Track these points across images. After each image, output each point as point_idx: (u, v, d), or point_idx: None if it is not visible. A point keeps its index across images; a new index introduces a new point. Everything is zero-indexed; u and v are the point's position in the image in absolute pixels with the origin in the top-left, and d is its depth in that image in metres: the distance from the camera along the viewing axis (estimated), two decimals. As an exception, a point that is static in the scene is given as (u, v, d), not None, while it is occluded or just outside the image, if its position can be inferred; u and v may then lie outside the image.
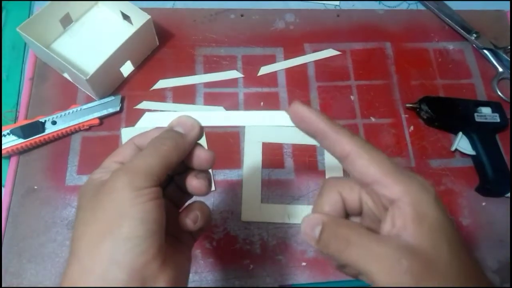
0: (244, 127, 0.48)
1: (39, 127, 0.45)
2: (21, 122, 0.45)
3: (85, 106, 0.47)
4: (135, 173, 0.23)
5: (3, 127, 0.44)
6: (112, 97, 0.47)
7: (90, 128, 0.47)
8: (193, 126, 0.26)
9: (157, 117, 0.27)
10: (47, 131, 0.45)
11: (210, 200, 0.44)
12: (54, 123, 0.45)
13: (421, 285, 0.19)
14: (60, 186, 0.44)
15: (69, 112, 0.46)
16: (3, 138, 0.44)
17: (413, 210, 0.20)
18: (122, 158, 0.26)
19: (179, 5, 0.56)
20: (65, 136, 0.46)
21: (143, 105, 0.49)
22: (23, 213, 0.42)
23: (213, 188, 0.45)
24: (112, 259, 0.21)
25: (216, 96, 0.50)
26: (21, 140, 0.44)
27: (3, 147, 0.43)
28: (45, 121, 0.45)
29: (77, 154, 0.46)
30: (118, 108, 0.47)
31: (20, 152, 0.45)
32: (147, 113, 0.27)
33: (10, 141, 0.43)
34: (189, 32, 0.54)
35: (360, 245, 0.20)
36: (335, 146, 0.22)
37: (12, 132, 0.44)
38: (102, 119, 0.47)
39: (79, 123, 0.46)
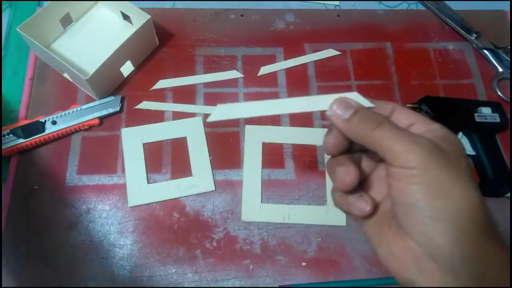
0: (244, 127, 0.48)
1: (39, 127, 0.45)
2: (21, 122, 0.45)
3: (85, 106, 0.47)
4: None
5: (3, 127, 0.44)
6: (112, 97, 0.48)
7: (90, 128, 0.47)
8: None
9: (233, 108, 0.27)
10: (47, 131, 0.45)
11: (210, 200, 0.44)
12: (54, 123, 0.45)
13: (432, 160, 0.22)
14: (60, 186, 0.44)
15: (69, 112, 0.46)
16: (3, 138, 0.44)
17: (445, 132, 0.24)
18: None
19: (179, 5, 0.56)
20: (65, 136, 0.46)
21: (143, 105, 0.49)
22: (23, 213, 0.42)
23: (213, 188, 0.45)
24: None
25: (216, 96, 0.50)
26: (21, 140, 0.44)
27: (3, 147, 0.43)
28: (45, 121, 0.45)
29: (77, 154, 0.46)
30: (118, 108, 0.47)
31: (20, 152, 0.45)
32: (219, 105, 0.26)
33: (10, 141, 0.44)
34: (189, 32, 0.54)
35: (389, 128, 0.23)
36: (381, 110, 0.26)
37: (12, 132, 0.44)
38: (102, 119, 0.47)
39: (79, 123, 0.46)
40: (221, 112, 0.26)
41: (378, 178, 0.27)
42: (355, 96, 0.25)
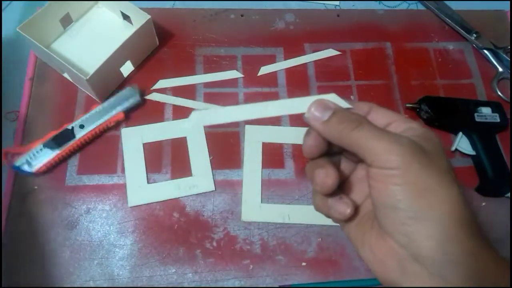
0: (244, 127, 0.48)
1: (70, 134, 0.44)
2: (50, 134, 0.44)
3: (106, 104, 0.46)
4: None
5: (34, 144, 0.43)
6: (128, 88, 0.47)
7: (117, 125, 0.47)
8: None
9: (207, 115, 0.26)
10: (78, 136, 0.44)
11: (210, 200, 0.44)
12: (81, 127, 0.45)
13: (414, 159, 0.21)
14: (60, 186, 0.44)
15: (93, 113, 0.45)
16: (38, 154, 0.43)
17: (424, 131, 0.23)
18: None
19: (179, 5, 0.56)
20: (95, 137, 0.46)
21: (153, 96, 0.49)
22: (23, 213, 0.42)
23: (213, 188, 0.45)
24: None
25: (216, 96, 0.50)
26: (57, 151, 0.43)
27: (38, 163, 0.43)
28: (73, 127, 0.45)
29: (77, 154, 0.46)
30: (138, 98, 0.47)
31: (57, 164, 0.44)
32: (194, 112, 0.26)
33: (45, 155, 0.43)
34: (189, 32, 0.54)
35: (369, 128, 0.23)
36: (358, 110, 0.25)
37: (45, 145, 0.43)
38: (126, 112, 0.47)
39: (106, 121, 0.45)
40: (196, 119, 0.26)
41: (358, 179, 0.27)
42: (332, 98, 0.25)
